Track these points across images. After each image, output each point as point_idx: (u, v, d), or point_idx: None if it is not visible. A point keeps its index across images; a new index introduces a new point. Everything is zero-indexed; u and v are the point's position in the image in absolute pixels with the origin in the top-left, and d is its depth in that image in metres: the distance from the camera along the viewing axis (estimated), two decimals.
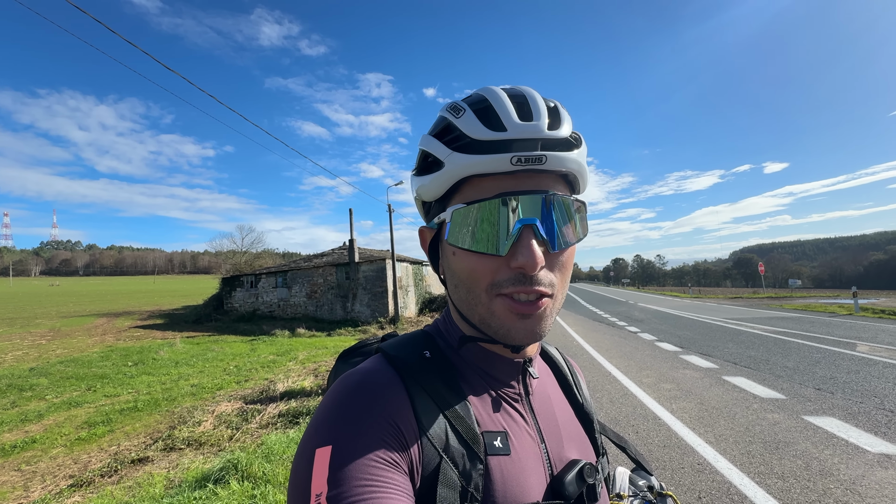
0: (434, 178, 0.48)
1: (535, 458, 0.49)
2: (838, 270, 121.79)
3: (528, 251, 0.43)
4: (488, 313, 0.46)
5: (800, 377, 6.17)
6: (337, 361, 0.66)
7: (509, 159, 0.43)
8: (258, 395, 8.19)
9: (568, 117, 0.48)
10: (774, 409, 4.81)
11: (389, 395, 0.44)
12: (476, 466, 0.43)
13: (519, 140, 0.44)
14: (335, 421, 0.42)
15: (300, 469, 0.40)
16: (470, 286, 0.47)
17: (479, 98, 0.48)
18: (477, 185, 0.46)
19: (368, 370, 0.48)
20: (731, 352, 8.46)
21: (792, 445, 3.78)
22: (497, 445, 0.46)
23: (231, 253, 44.48)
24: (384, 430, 0.41)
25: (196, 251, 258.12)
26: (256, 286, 26.00)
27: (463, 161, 0.45)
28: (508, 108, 0.46)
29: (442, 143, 0.47)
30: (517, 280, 0.44)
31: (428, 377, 0.47)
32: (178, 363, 12.02)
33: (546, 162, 0.44)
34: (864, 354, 7.66)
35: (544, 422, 0.53)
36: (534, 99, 0.47)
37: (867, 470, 3.27)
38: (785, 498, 2.92)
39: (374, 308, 22.43)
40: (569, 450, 0.53)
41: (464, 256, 0.47)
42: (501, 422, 0.49)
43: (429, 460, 0.42)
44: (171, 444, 5.61)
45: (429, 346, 0.52)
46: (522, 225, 0.44)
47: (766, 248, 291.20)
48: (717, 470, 3.37)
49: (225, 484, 3.36)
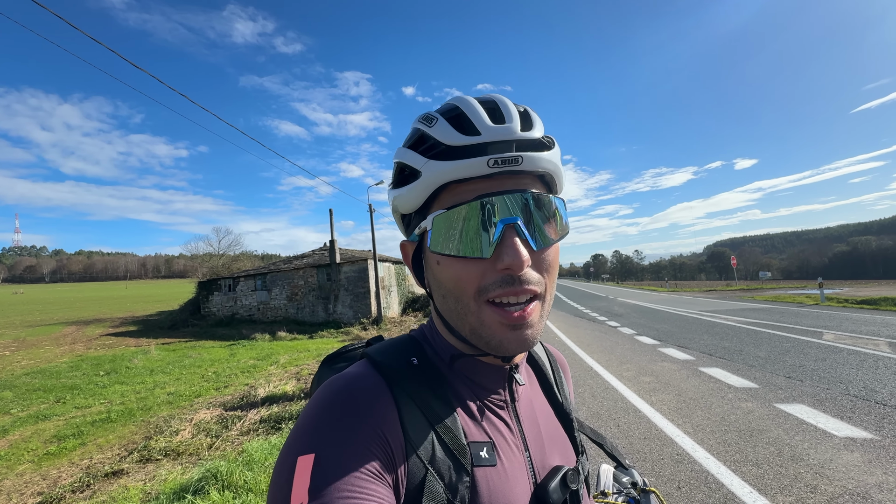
0: (411, 188, 0.48)
1: (519, 468, 0.48)
2: (805, 262, 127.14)
3: (513, 250, 0.43)
4: (478, 323, 0.45)
5: (771, 366, 6.41)
6: (321, 366, 0.65)
7: (486, 162, 0.43)
8: (238, 402, 8.00)
9: (539, 120, 0.48)
10: (748, 397, 4.98)
11: (376, 403, 0.43)
12: (462, 479, 0.43)
13: (494, 143, 0.44)
14: (318, 428, 0.41)
15: (281, 477, 0.38)
16: (458, 295, 0.46)
17: (450, 107, 0.48)
18: (455, 191, 0.46)
19: (354, 376, 0.46)
20: (707, 343, 8.72)
21: (765, 433, 3.92)
22: (483, 456, 0.45)
23: (208, 256, 43.36)
24: (369, 440, 0.40)
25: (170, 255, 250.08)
26: (235, 289, 25.41)
27: (440, 168, 0.45)
28: (480, 113, 0.46)
29: (417, 153, 0.47)
30: (505, 282, 0.44)
31: (415, 385, 0.46)
32: (154, 371, 11.64)
33: (522, 162, 0.44)
34: (829, 343, 8.01)
35: (528, 428, 0.53)
36: (504, 103, 0.47)
37: (834, 454, 3.42)
38: (759, 484, 3.02)
39: (356, 309, 22.22)
40: (551, 455, 0.53)
41: (448, 264, 0.46)
42: (487, 431, 0.48)
43: (414, 472, 0.41)
44: (147, 455, 5.43)
45: (416, 352, 0.51)
46: (505, 225, 0.43)
47: (737, 242, 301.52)
48: (695, 460, 3.47)
49: (205, 495, 3.27)
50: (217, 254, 43.26)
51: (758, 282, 42.88)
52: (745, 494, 2.89)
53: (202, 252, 44.69)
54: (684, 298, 24.35)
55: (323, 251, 26.82)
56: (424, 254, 0.50)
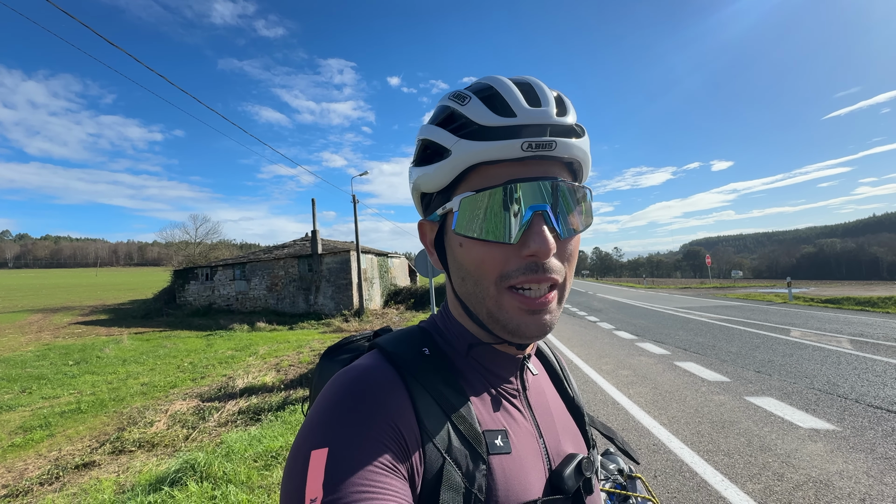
0: (439, 167, 0.46)
1: (534, 454, 0.48)
2: (775, 262, 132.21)
3: (541, 237, 0.42)
4: (497, 307, 0.45)
5: (742, 361, 6.66)
6: (322, 359, 0.64)
7: (520, 145, 0.42)
8: (216, 393, 7.86)
9: (572, 106, 0.48)
10: (720, 391, 5.17)
11: (390, 395, 0.43)
12: (479, 467, 0.42)
13: (528, 126, 0.43)
14: (332, 422, 0.40)
15: (294, 472, 0.38)
16: (478, 278, 0.45)
17: (484, 86, 0.47)
18: (484, 173, 0.45)
19: (367, 367, 0.46)
20: (682, 339, 8.99)
21: (736, 424, 4.08)
22: (498, 444, 0.45)
23: (184, 244, 42.21)
24: (384, 433, 0.40)
25: (144, 242, 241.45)
26: (212, 279, 24.82)
27: (471, 148, 0.43)
28: (516, 94, 0.45)
29: (447, 131, 0.46)
30: (528, 269, 0.43)
31: (428, 376, 0.46)
32: (126, 361, 11.30)
33: (556, 148, 0.43)
34: (796, 339, 8.37)
35: (541, 417, 0.53)
36: (540, 87, 0.47)
37: (800, 444, 3.59)
38: (730, 473, 3.15)
39: (338, 301, 22.02)
40: (565, 444, 0.53)
41: (472, 247, 0.45)
42: (501, 420, 0.48)
43: (431, 463, 0.41)
44: (120, 446, 5.29)
45: (427, 343, 0.50)
46: (533, 212, 0.43)
47: (712, 242, 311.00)
48: (670, 450, 3.59)
49: (182, 486, 3.21)
50: (194, 242, 42.16)
51: (730, 280, 44.37)
52: (716, 482, 3.01)
53: (178, 240, 43.49)
54: (661, 295, 25.02)
55: (304, 241, 26.41)
56: (446, 234, 0.49)
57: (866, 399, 4.57)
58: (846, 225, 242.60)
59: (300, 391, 7.29)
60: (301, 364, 9.91)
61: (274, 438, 4.21)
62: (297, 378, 8.55)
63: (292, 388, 7.69)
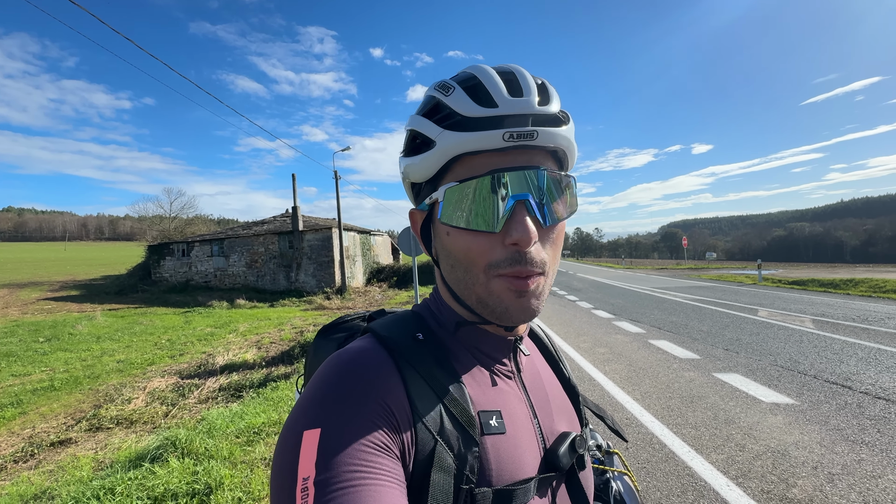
0: (424, 157, 0.47)
1: (528, 433, 0.50)
2: (747, 244, 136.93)
3: (522, 226, 0.43)
4: (486, 293, 0.46)
5: (712, 339, 6.96)
6: (317, 337, 0.65)
7: (501, 135, 0.43)
8: (195, 370, 7.79)
9: (556, 94, 0.48)
10: (690, 368, 5.41)
11: (382, 377, 0.43)
12: (471, 448, 0.43)
13: (510, 116, 0.44)
14: (324, 402, 0.40)
15: (286, 451, 0.38)
16: (467, 266, 0.46)
17: (468, 76, 0.48)
18: (468, 164, 0.45)
19: (359, 350, 0.46)
20: (657, 318, 9.31)
21: (703, 399, 4.30)
22: (493, 425, 0.46)
23: (158, 218, 40.84)
24: (376, 414, 0.40)
25: (115, 215, 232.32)
26: (189, 255, 24.20)
27: (454, 139, 0.44)
28: (499, 84, 0.45)
29: (432, 122, 0.46)
30: (513, 260, 0.44)
31: (421, 359, 0.47)
32: (101, 338, 11.05)
33: (537, 137, 0.44)
34: (763, 319, 8.78)
35: (535, 396, 0.55)
36: (523, 75, 0.47)
37: (761, 417, 3.81)
38: (696, 444, 3.34)
39: (319, 278, 21.85)
40: (559, 422, 0.55)
41: (458, 236, 0.46)
42: (497, 400, 0.50)
43: (423, 444, 0.42)
44: (97, 423, 5.23)
45: (420, 327, 0.51)
46: (515, 201, 0.44)
47: (689, 224, 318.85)
48: (642, 423, 3.76)
49: (163, 462, 3.21)
50: (169, 216, 40.83)
51: (704, 262, 45.86)
52: (683, 454, 3.19)
53: (151, 214, 42.04)
54: (638, 275, 25.69)
55: (285, 218, 25.89)
56: (434, 223, 0.50)
57: (824, 375, 4.86)
58: (815, 210, 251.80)
59: (282, 368, 7.29)
60: (282, 341, 9.88)
61: (256, 415, 4.22)
62: (278, 355, 8.53)
63: (274, 366, 7.69)
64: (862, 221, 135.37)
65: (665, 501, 2.61)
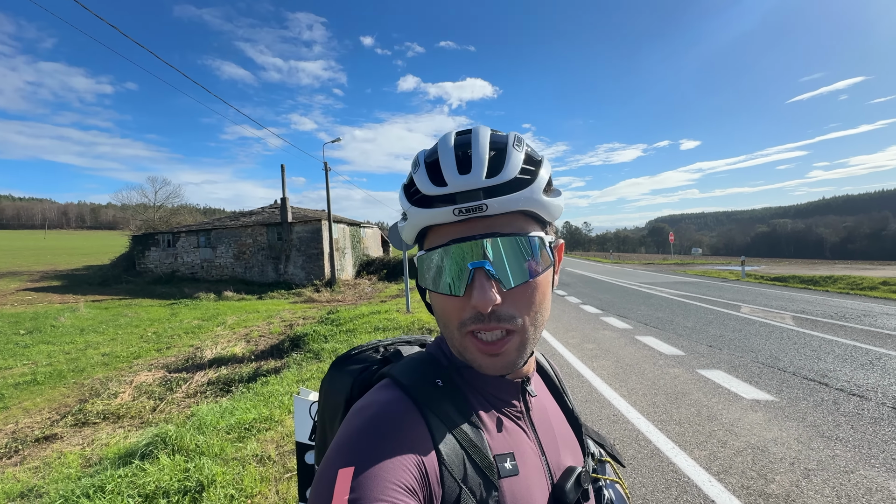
0: (405, 226, 0.54)
1: (537, 472, 0.53)
2: (731, 240, 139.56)
3: (480, 293, 0.46)
4: (462, 348, 0.51)
5: (696, 336, 7.12)
6: (331, 369, 0.67)
7: (451, 211, 0.47)
8: (183, 363, 7.72)
9: (516, 157, 0.49)
10: (675, 364, 5.55)
11: (410, 427, 0.46)
12: (492, 493, 0.46)
13: (459, 192, 0.48)
14: (358, 445, 0.44)
15: (321, 488, 0.41)
16: (445, 322, 0.52)
17: (433, 151, 0.53)
18: (436, 232, 0.51)
19: (386, 401, 0.49)
20: (643, 314, 9.48)
21: (687, 395, 4.42)
22: (507, 468, 0.49)
23: (142, 207, 39.96)
24: (405, 458, 0.43)
25: (97, 203, 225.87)
26: (175, 245, 23.80)
27: (418, 214, 0.50)
28: (451, 161, 0.49)
29: (405, 197, 0.53)
30: (477, 318, 0.48)
31: (443, 407, 0.49)
32: (85, 330, 10.86)
33: (487, 209, 0.47)
34: (746, 315, 9.00)
35: (543, 434, 0.58)
36: (477, 147, 0.49)
37: (742, 413, 3.94)
38: (680, 440, 3.44)
39: (308, 270, 21.70)
40: (565, 457, 0.58)
41: (435, 296, 0.52)
42: (509, 442, 0.52)
43: (449, 492, 0.44)
44: (83, 418, 5.18)
45: (439, 373, 0.54)
46: (474, 268, 0.47)
47: (676, 219, 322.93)
48: (628, 420, 3.86)
49: (154, 459, 3.19)
50: (153, 205, 39.97)
51: (690, 257, 46.62)
52: (668, 449, 3.28)
53: (135, 202, 41.09)
54: (626, 270, 26.05)
55: (273, 209, 25.57)
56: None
57: (802, 372, 5.03)
58: (798, 207, 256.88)
59: (272, 362, 7.27)
60: (272, 335, 9.82)
61: (247, 410, 4.21)
62: (267, 349, 8.49)
63: (263, 359, 7.65)
64: (842, 219, 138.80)
65: (650, 497, 2.70)
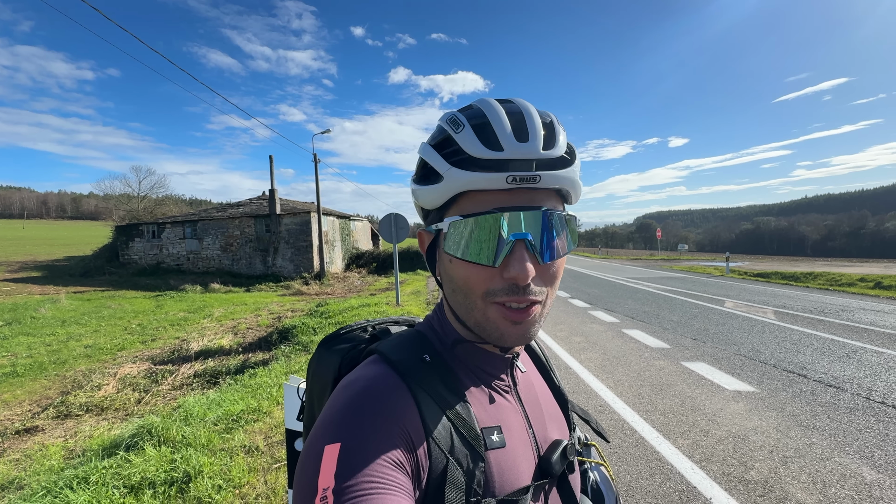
0: (432, 189, 0.49)
1: (524, 444, 0.54)
2: (717, 237, 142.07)
3: (520, 264, 0.46)
4: (483, 318, 0.49)
5: (681, 329, 7.26)
6: (319, 347, 0.67)
7: (505, 178, 0.45)
8: (169, 356, 7.62)
9: (563, 134, 0.50)
10: (660, 356, 5.65)
11: (397, 400, 0.46)
12: (478, 464, 0.47)
13: (515, 160, 0.46)
14: (344, 421, 0.43)
15: (308, 465, 0.41)
16: (467, 292, 0.49)
17: (477, 113, 0.49)
18: (474, 198, 0.48)
19: (374, 376, 0.49)
20: (630, 308, 9.62)
21: (672, 387, 4.51)
22: (494, 440, 0.50)
23: (126, 197, 39.10)
24: (393, 434, 0.43)
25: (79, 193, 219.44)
26: (160, 236, 23.36)
27: (461, 177, 0.46)
28: (506, 126, 0.47)
29: (441, 157, 0.49)
30: (510, 290, 0.47)
31: (430, 381, 0.49)
32: (66, 322, 10.63)
33: (540, 181, 0.46)
34: (729, 310, 9.20)
35: (530, 408, 0.59)
36: (531, 117, 0.48)
37: (725, 404, 4.04)
38: (664, 430, 3.52)
39: (297, 263, 21.50)
40: (551, 430, 0.59)
41: (460, 264, 0.49)
42: (496, 415, 0.53)
43: (436, 462, 0.45)
44: (66, 410, 5.09)
45: (427, 349, 0.54)
46: (516, 239, 0.46)
47: (663, 215, 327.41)
48: (615, 410, 3.93)
49: (139, 450, 3.16)
50: (137, 196, 39.14)
51: (676, 253, 47.42)
52: (652, 439, 3.36)
53: (118, 192, 40.20)
54: (613, 265, 26.36)
55: (261, 200, 25.22)
56: (439, 248, 0.53)
57: (782, 364, 5.17)
58: (781, 205, 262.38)
59: (260, 354, 7.21)
60: (260, 327, 9.74)
61: (234, 402, 4.18)
62: (255, 341, 8.42)
63: (251, 352, 7.59)
64: (823, 217, 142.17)
65: (635, 484, 2.76)
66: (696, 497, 2.61)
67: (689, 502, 2.56)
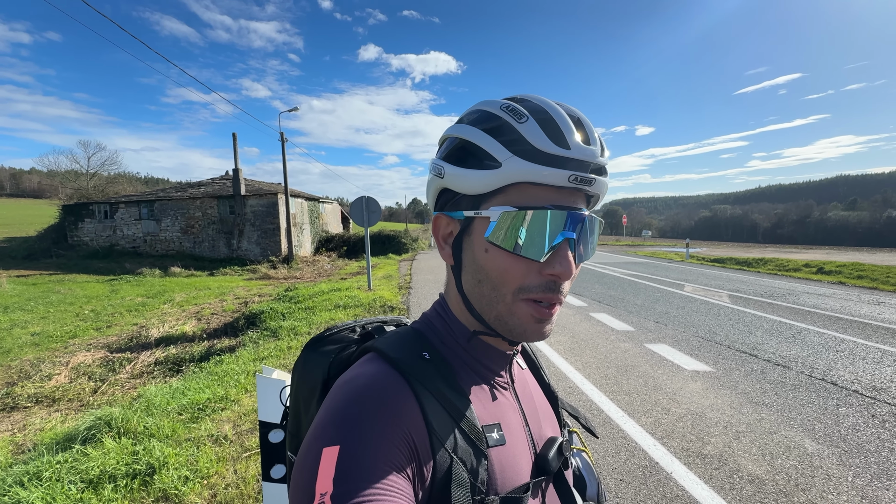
0: (483, 174, 0.48)
1: (522, 442, 0.54)
2: (678, 223, 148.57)
3: (566, 262, 0.47)
4: (508, 313, 0.49)
5: (645, 312, 7.59)
6: (305, 349, 0.64)
7: (567, 177, 0.46)
8: (126, 343, 7.27)
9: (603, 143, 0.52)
10: (626, 339, 5.89)
11: (398, 399, 0.45)
12: (481, 462, 0.46)
13: (576, 160, 0.47)
14: (343, 422, 0.41)
15: (305, 467, 0.39)
16: (497, 285, 0.48)
17: (538, 108, 0.49)
18: (525, 191, 0.47)
19: (373, 374, 0.47)
20: (597, 292, 9.94)
21: (636, 368, 4.72)
22: (495, 437, 0.50)
23: (73, 174, 36.48)
24: (394, 435, 0.42)
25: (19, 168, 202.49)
26: (113, 217, 22.01)
27: (524, 167, 0.46)
28: (571, 127, 0.47)
29: (498, 143, 0.47)
30: (546, 287, 0.47)
31: (431, 379, 0.48)
32: (9, 308, 9.91)
33: (594, 185, 0.48)
34: (688, 294, 9.68)
35: (526, 405, 0.59)
36: (589, 124, 0.50)
37: (684, 383, 4.27)
38: (628, 409, 3.69)
39: (264, 246, 20.86)
40: (546, 428, 0.59)
41: (498, 255, 0.48)
42: (496, 413, 0.53)
43: (441, 463, 0.44)
44: (12, 402, 4.78)
45: (425, 346, 0.52)
46: (564, 238, 0.47)
47: (629, 202, 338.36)
48: (583, 391, 4.08)
49: (97, 443, 3.01)
50: (86, 172, 36.59)
51: (640, 239, 49.27)
52: (618, 417, 3.51)
53: (65, 169, 37.42)
54: None
55: (225, 180, 24.13)
56: (469, 235, 0.51)
57: (736, 345, 5.50)
58: (737, 194, 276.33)
59: (226, 340, 6.99)
60: (225, 312, 9.42)
61: (200, 390, 4.05)
62: (221, 327, 8.15)
63: (216, 338, 7.34)
64: (773, 206, 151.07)
65: (602, 461, 2.88)
66: (657, 472, 2.76)
67: (650, 477, 2.70)
